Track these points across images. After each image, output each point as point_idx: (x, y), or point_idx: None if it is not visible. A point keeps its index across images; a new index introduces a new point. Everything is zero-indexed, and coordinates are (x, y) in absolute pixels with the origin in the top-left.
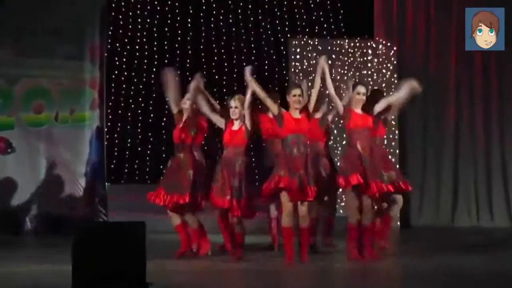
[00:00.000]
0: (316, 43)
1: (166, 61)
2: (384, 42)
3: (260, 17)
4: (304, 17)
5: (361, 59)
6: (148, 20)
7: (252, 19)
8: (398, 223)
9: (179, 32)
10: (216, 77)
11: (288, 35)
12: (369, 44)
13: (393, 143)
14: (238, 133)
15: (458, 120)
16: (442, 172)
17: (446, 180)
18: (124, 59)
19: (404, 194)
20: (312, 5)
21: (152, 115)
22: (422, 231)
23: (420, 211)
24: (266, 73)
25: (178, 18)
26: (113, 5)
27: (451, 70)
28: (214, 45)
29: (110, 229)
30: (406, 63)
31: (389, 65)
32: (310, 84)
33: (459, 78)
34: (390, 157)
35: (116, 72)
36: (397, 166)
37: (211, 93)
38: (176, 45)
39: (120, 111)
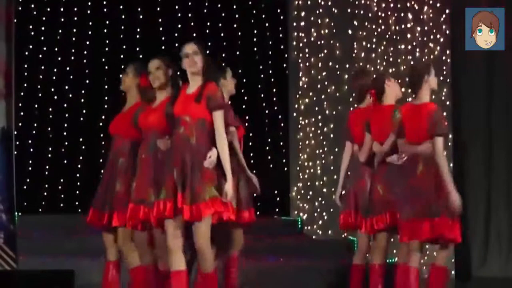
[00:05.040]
0: (330, 3)
1: (106, 30)
2: (431, 1)
3: None
4: None
5: (398, 28)
6: None
7: None
8: (453, 272)
9: None
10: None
11: None
12: (409, 4)
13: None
14: None
15: None
16: None
17: None
18: (43, 27)
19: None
20: None
21: (85, 111)
22: (487, 284)
23: (485, 257)
24: (255, 48)
25: None
26: None
27: None
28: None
29: (24, 282)
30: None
31: (438, 36)
32: (319, 64)
33: None
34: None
35: (31, 46)
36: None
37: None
38: (124, 5)
39: (37, 105)
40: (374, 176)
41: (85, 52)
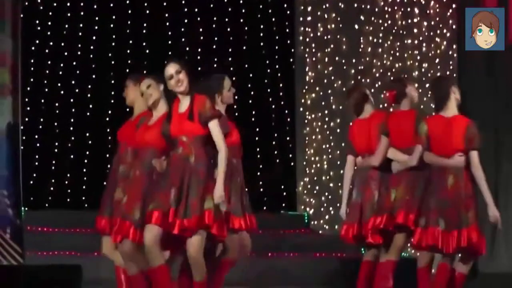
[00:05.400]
0: None
1: (112, 25)
2: None
3: None
4: None
5: (404, 23)
6: None
7: None
8: None
9: None
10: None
11: None
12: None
13: None
14: None
15: None
16: None
17: None
18: (50, 23)
19: None
20: None
21: (91, 106)
22: (494, 280)
23: (492, 253)
24: (262, 43)
25: None
26: None
27: None
28: None
29: (31, 277)
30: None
31: (445, 31)
32: (326, 59)
33: None
34: None
35: (38, 42)
36: None
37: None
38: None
39: (43, 101)
40: (391, 180)
41: (92, 47)
